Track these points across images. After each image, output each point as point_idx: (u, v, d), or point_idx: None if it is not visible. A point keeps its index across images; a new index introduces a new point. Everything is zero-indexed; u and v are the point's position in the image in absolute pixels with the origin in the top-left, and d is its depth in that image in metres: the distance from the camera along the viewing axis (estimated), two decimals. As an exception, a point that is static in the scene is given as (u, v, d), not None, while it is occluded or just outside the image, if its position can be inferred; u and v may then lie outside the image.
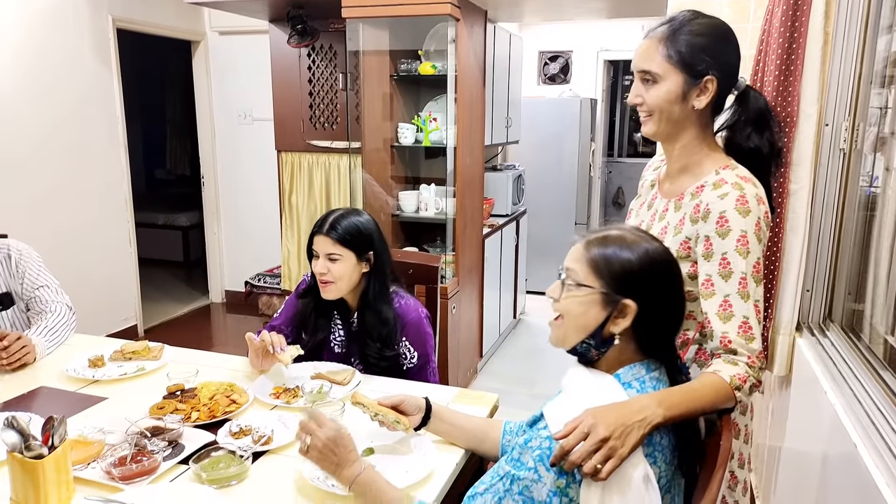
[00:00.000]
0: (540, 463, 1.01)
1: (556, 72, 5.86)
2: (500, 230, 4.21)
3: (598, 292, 1.08)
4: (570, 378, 1.14)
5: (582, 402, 1.05)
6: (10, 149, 3.49)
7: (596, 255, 1.09)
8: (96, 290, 4.08)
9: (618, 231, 1.13)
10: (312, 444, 1.23)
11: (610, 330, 1.07)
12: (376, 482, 1.21)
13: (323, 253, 1.80)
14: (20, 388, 1.75)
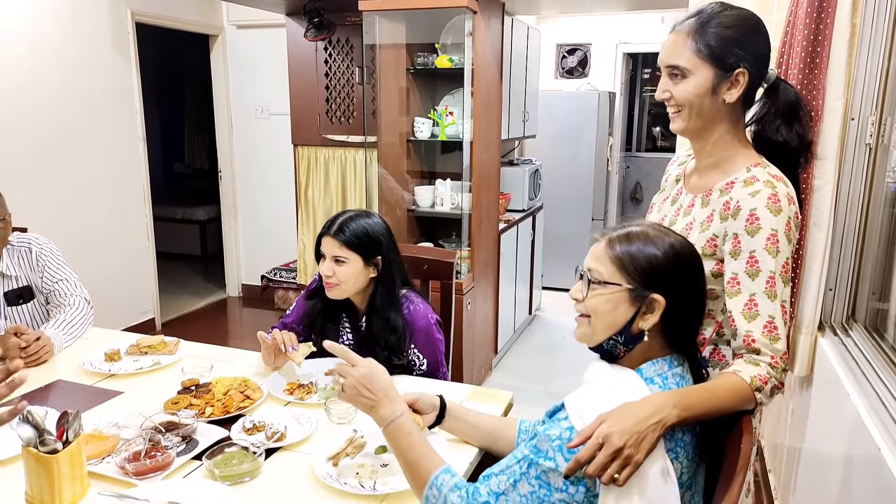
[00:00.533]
0: (559, 453, 1.00)
1: (574, 65, 5.80)
2: (516, 225, 4.19)
3: (625, 289, 1.07)
4: (593, 372, 1.13)
5: (604, 396, 1.05)
6: (30, 143, 3.53)
7: (620, 252, 1.09)
8: (115, 283, 4.12)
9: (639, 227, 1.13)
10: (346, 383, 1.23)
11: (639, 326, 1.07)
12: (412, 434, 1.19)
13: (329, 255, 1.78)
14: (38, 382, 1.77)
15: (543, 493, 1.01)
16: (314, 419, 1.52)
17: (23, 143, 3.49)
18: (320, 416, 1.54)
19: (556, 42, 5.77)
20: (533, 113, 4.58)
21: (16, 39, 3.41)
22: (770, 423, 2.69)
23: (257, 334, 1.83)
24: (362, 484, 1.28)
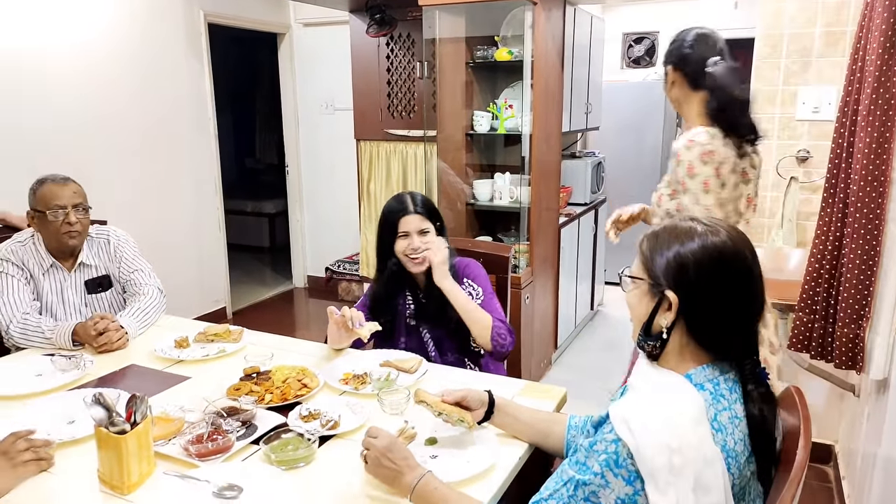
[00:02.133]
0: (607, 468, 0.97)
1: (641, 54, 5.63)
2: (578, 219, 4.12)
3: (646, 283, 1.08)
4: (638, 376, 1.11)
5: (650, 403, 1.00)
6: (111, 141, 3.74)
7: (646, 248, 1.10)
8: (189, 273, 4.32)
9: (677, 223, 1.10)
10: (369, 455, 1.23)
11: (659, 323, 1.06)
12: (438, 489, 1.18)
13: (415, 230, 1.91)
14: (114, 366, 1.88)
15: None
16: (367, 409, 1.56)
17: (104, 141, 3.70)
18: (373, 407, 1.57)
19: (622, 31, 5.61)
20: (596, 104, 4.48)
21: (97, 46, 3.61)
22: (844, 428, 2.55)
23: (327, 309, 1.91)
24: (411, 474, 1.30)
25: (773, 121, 2.61)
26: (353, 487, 1.28)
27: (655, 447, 0.94)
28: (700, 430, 0.96)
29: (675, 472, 0.93)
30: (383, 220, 1.96)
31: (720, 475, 0.96)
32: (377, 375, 1.74)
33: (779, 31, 2.54)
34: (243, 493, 1.23)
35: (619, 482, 0.97)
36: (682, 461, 0.93)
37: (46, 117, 3.38)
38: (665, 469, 0.93)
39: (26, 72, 3.27)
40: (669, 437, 0.94)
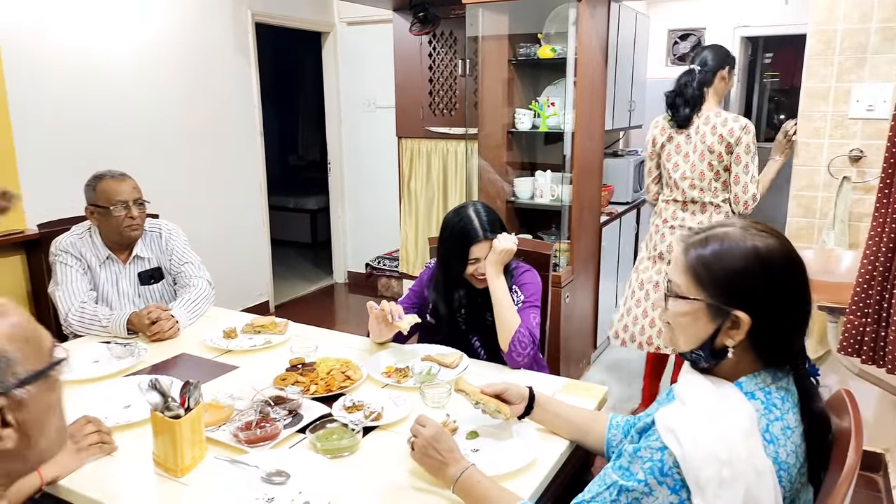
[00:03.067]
0: (651, 476, 0.96)
1: (687, 51, 5.53)
2: (619, 218, 4.07)
3: (704, 304, 1.00)
4: (686, 385, 1.05)
5: (701, 414, 0.97)
6: (162, 139, 3.86)
7: (695, 262, 1.00)
8: (234, 267, 4.43)
9: (723, 228, 1.02)
10: (417, 443, 1.26)
11: (723, 342, 0.99)
12: (481, 483, 1.19)
13: (485, 254, 1.88)
14: (166, 354, 1.95)
15: None
16: (409, 402, 1.58)
17: (158, 138, 3.82)
18: (415, 400, 1.60)
19: (667, 27, 5.52)
20: (640, 102, 4.42)
21: (153, 48, 3.73)
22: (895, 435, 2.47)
23: (367, 304, 1.93)
24: (453, 467, 1.31)
25: (825, 119, 2.54)
26: (397, 477, 1.31)
27: (704, 459, 0.92)
28: (751, 442, 0.93)
29: (724, 484, 0.91)
30: (453, 244, 1.91)
31: (771, 488, 0.93)
32: (419, 369, 1.76)
33: (832, 27, 2.47)
34: (290, 479, 1.27)
35: (664, 490, 0.95)
36: (731, 474, 0.91)
37: (108, 116, 3.51)
38: (714, 482, 0.91)
39: (91, 73, 3.40)
40: (719, 449, 0.91)
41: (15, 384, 0.80)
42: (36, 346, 0.84)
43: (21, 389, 0.80)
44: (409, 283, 4.52)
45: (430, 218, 4.44)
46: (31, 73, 3.12)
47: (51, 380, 0.86)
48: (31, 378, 0.82)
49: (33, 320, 0.87)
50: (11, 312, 0.85)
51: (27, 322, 0.86)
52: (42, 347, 0.86)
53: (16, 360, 0.80)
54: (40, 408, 0.84)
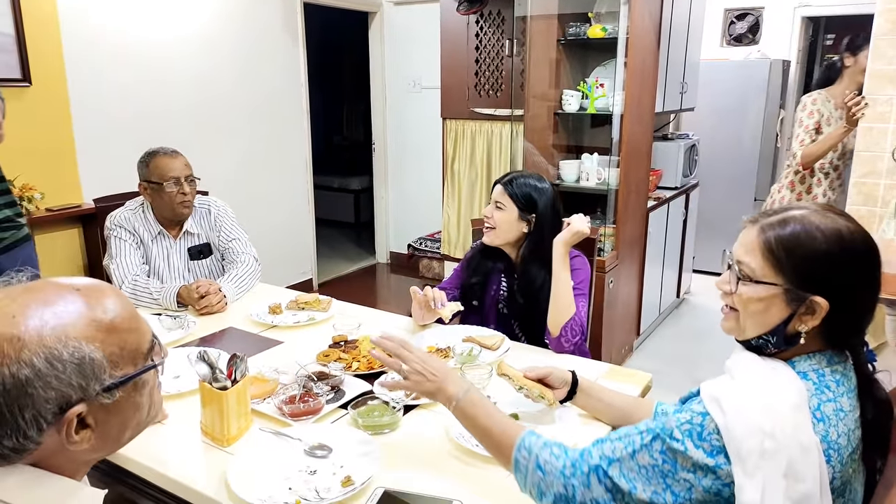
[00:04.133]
0: (688, 437, 0.94)
1: (744, 31, 5.32)
2: (667, 203, 3.98)
3: (781, 289, 0.96)
4: (737, 362, 1.03)
5: (751, 390, 0.95)
6: (212, 118, 3.93)
7: (774, 244, 0.96)
8: (279, 244, 4.51)
9: (800, 210, 0.98)
10: (407, 369, 1.24)
11: (795, 328, 0.96)
12: (485, 403, 1.18)
13: (493, 199, 1.95)
14: (213, 328, 2.00)
15: (668, 469, 0.94)
16: (450, 382, 1.58)
17: (207, 118, 3.90)
18: (456, 380, 1.60)
19: (723, 7, 5.33)
20: (692, 84, 4.28)
21: (205, 31, 3.79)
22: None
23: (410, 289, 1.95)
24: (493, 448, 1.31)
25: (892, 102, 2.42)
26: (437, 456, 1.32)
27: (747, 429, 0.90)
28: (799, 416, 0.91)
29: (766, 456, 0.89)
30: None
31: (816, 465, 0.90)
32: (460, 350, 1.76)
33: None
34: (332, 453, 1.28)
35: (700, 453, 0.93)
36: (774, 445, 0.89)
37: (161, 98, 3.59)
38: (756, 453, 0.89)
39: (146, 57, 3.48)
40: (763, 420, 0.90)
41: (99, 391, 0.73)
42: (130, 347, 0.77)
43: (106, 395, 0.74)
44: (450, 265, 4.53)
45: (473, 200, 4.42)
46: (89, 60, 3.22)
47: (141, 382, 0.80)
48: (118, 384, 0.75)
49: (135, 315, 0.80)
50: (109, 304, 0.77)
51: (125, 316, 0.78)
52: (138, 347, 0.79)
53: (102, 365, 0.73)
54: (126, 409, 0.79)
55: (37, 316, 0.70)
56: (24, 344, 0.68)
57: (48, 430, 0.71)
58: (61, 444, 0.73)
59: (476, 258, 2.05)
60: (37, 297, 0.73)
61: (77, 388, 0.71)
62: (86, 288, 0.77)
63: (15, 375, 0.67)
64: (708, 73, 4.78)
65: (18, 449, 0.70)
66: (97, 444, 0.76)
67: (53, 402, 0.69)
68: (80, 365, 0.71)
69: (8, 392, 0.67)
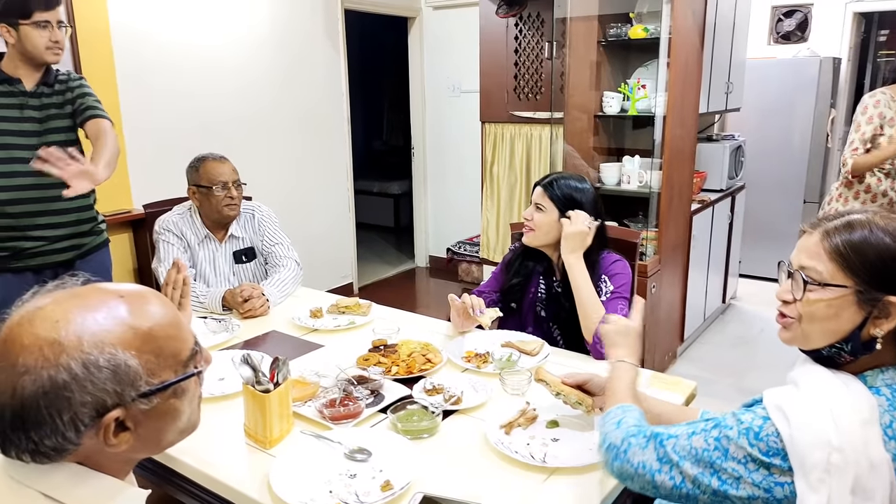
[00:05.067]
0: (744, 435, 0.93)
1: (792, 28, 5.17)
2: (712, 206, 3.89)
3: (853, 291, 0.93)
4: (804, 374, 0.99)
5: (818, 401, 0.91)
6: (256, 124, 4.01)
7: (841, 246, 0.94)
8: (320, 248, 4.57)
9: (862, 214, 0.96)
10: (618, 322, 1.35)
11: (870, 333, 0.93)
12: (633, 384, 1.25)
13: (534, 201, 1.93)
14: (257, 331, 2.04)
15: (717, 456, 0.94)
16: (489, 387, 1.58)
17: (250, 124, 3.98)
18: (495, 385, 1.59)
19: (770, 4, 5.18)
20: (738, 84, 4.18)
21: (248, 39, 3.87)
22: None
23: (448, 297, 1.95)
24: (532, 455, 1.30)
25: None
26: (476, 461, 1.31)
27: (814, 441, 0.87)
28: (869, 432, 0.88)
29: (832, 470, 0.86)
30: None
31: (888, 482, 0.87)
32: (499, 355, 1.75)
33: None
34: (372, 457, 1.29)
35: (755, 451, 0.92)
36: (842, 460, 0.86)
37: (207, 105, 3.68)
38: (821, 466, 0.86)
39: (192, 66, 3.57)
40: (831, 434, 0.87)
41: (135, 396, 0.75)
42: (168, 354, 0.78)
43: (143, 400, 0.76)
44: (489, 269, 4.52)
45: (512, 203, 4.40)
46: (139, 70, 3.32)
47: (180, 388, 0.81)
48: (155, 391, 0.77)
49: (176, 322, 0.81)
50: (150, 311, 0.78)
51: (164, 324, 0.79)
52: (177, 354, 0.80)
53: (137, 372, 0.74)
54: (165, 414, 0.80)
55: (78, 322, 0.73)
56: (63, 348, 0.71)
57: (87, 431, 0.73)
58: (101, 444, 0.75)
59: (517, 259, 2.05)
60: (81, 303, 0.75)
61: (112, 394, 0.73)
62: (129, 295, 0.79)
63: (53, 379, 0.70)
64: (755, 73, 4.66)
65: (59, 449, 0.73)
66: (137, 445, 0.78)
67: (90, 405, 0.72)
68: (115, 371, 0.73)
69: (46, 394, 0.70)
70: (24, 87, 2.09)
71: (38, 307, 0.74)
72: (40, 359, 0.70)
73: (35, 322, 0.72)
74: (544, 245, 1.95)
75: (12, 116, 2.06)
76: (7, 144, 2.05)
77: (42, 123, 2.11)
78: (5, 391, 0.70)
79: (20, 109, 2.08)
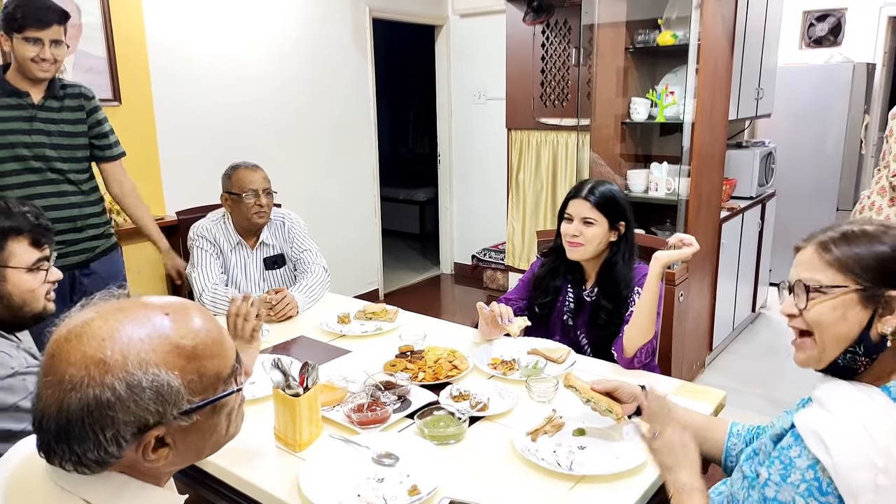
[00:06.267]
0: (811, 498, 0.91)
1: (825, 33, 5.08)
2: (742, 214, 3.83)
3: (854, 289, 0.94)
4: (829, 392, 0.98)
5: (849, 418, 0.91)
6: (284, 131, 4.08)
7: (838, 254, 0.96)
8: (347, 255, 4.61)
9: (855, 225, 0.99)
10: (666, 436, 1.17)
11: (879, 331, 0.93)
12: None
13: (578, 216, 1.88)
14: (286, 336, 2.07)
15: None
16: (515, 394, 1.58)
17: (281, 132, 4.05)
18: (521, 393, 1.60)
19: (802, 9, 5.11)
20: (769, 90, 4.12)
21: (278, 48, 3.94)
22: None
23: (476, 305, 1.94)
24: (559, 462, 1.30)
25: None
26: (502, 467, 1.32)
27: (857, 465, 0.87)
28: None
29: (880, 491, 0.85)
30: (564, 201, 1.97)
31: None
32: (525, 363, 1.76)
33: None
34: (399, 461, 1.31)
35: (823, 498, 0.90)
36: (889, 481, 0.85)
37: (238, 114, 3.75)
38: (869, 489, 0.85)
39: (225, 76, 3.65)
40: (873, 455, 0.86)
41: (176, 415, 0.76)
42: (210, 373, 0.79)
43: (183, 418, 0.77)
44: (514, 276, 4.51)
45: (538, 211, 4.39)
46: (173, 80, 3.40)
47: (220, 404, 0.82)
48: (196, 408, 0.78)
49: (219, 340, 0.81)
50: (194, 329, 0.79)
51: (208, 343, 0.79)
52: (219, 372, 0.81)
53: (180, 392, 0.75)
54: (204, 429, 0.81)
55: (124, 340, 0.74)
56: (108, 368, 0.72)
57: (128, 447, 0.75)
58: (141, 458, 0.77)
59: (546, 276, 2.01)
60: (127, 321, 0.76)
61: (154, 413, 0.74)
62: (174, 312, 0.80)
63: (98, 398, 0.72)
64: (786, 78, 4.60)
65: (101, 462, 0.75)
66: (175, 459, 0.80)
67: (132, 424, 0.73)
68: (158, 392, 0.74)
69: (91, 412, 0.72)
70: (32, 101, 2.15)
71: (85, 322, 0.76)
72: (87, 377, 0.72)
73: (83, 339, 0.74)
74: (592, 257, 1.92)
75: (22, 129, 2.13)
76: (20, 156, 2.13)
77: (50, 137, 2.18)
78: (51, 405, 0.72)
79: (29, 122, 2.15)
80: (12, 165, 2.13)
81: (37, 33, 2.04)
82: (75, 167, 2.25)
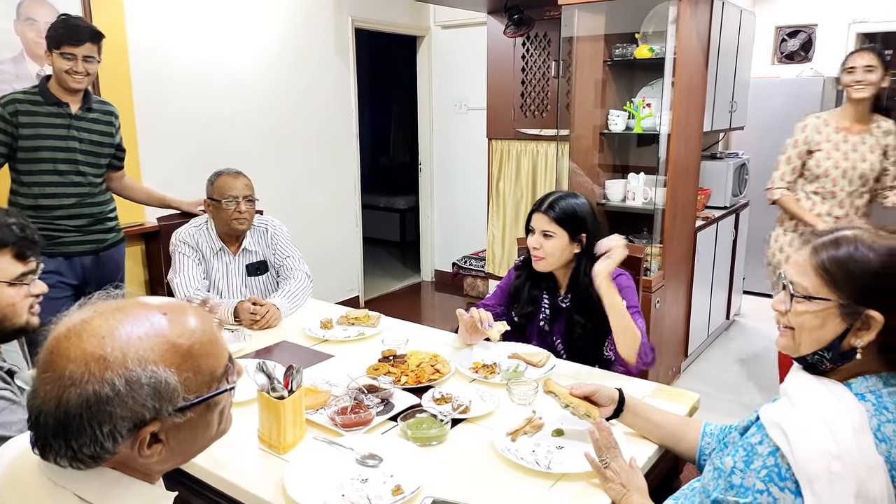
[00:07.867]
0: (771, 483, 0.95)
1: (796, 48, 5.24)
2: (716, 223, 3.93)
3: (835, 304, 0.98)
4: (794, 384, 1.04)
5: (812, 413, 0.96)
6: (268, 140, 4.08)
7: (827, 262, 1.00)
8: (328, 262, 4.62)
9: (851, 231, 1.01)
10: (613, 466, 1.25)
11: (851, 343, 0.98)
12: None
13: (539, 229, 1.91)
14: (268, 341, 2.08)
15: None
16: (496, 397, 1.61)
17: (263, 140, 4.05)
18: (502, 396, 1.63)
19: (774, 24, 5.26)
20: (742, 103, 4.24)
21: (261, 57, 3.95)
22: None
23: (456, 311, 1.98)
24: (537, 461, 1.34)
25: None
26: (483, 468, 1.35)
27: (812, 453, 0.91)
28: (862, 438, 0.92)
29: (834, 478, 0.90)
30: None
31: (885, 484, 0.91)
32: (506, 366, 1.79)
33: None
34: (382, 462, 1.33)
35: (788, 496, 0.94)
36: (842, 468, 0.90)
37: (220, 121, 3.75)
38: (823, 476, 0.90)
39: (206, 82, 3.65)
40: (828, 443, 0.91)
41: (171, 411, 0.77)
42: (205, 371, 0.81)
43: (178, 414, 0.78)
44: (494, 283, 4.56)
45: (518, 219, 4.45)
46: (154, 84, 3.39)
47: (213, 402, 0.84)
48: (191, 406, 0.79)
49: (213, 339, 0.84)
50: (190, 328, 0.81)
51: (203, 342, 0.81)
52: (213, 370, 0.83)
53: (176, 388, 0.77)
54: (197, 426, 0.83)
55: (123, 338, 0.76)
56: (108, 364, 0.74)
57: (123, 442, 0.76)
58: (135, 454, 0.79)
59: (522, 289, 2.04)
60: (126, 319, 0.78)
61: (151, 409, 0.76)
62: (171, 312, 0.82)
63: (97, 393, 0.73)
64: (759, 92, 4.72)
65: (96, 457, 0.76)
66: (168, 456, 0.82)
67: (129, 419, 0.75)
68: (155, 388, 0.75)
69: (90, 407, 0.73)
70: (70, 111, 2.43)
71: (84, 320, 0.77)
72: (86, 373, 0.73)
73: (82, 336, 0.75)
74: (557, 268, 1.96)
75: (60, 135, 2.41)
76: (54, 159, 2.41)
77: (82, 143, 2.46)
78: (50, 400, 0.74)
79: (67, 129, 2.42)
80: (46, 166, 2.40)
81: (71, 49, 2.31)
82: (96, 172, 2.54)
